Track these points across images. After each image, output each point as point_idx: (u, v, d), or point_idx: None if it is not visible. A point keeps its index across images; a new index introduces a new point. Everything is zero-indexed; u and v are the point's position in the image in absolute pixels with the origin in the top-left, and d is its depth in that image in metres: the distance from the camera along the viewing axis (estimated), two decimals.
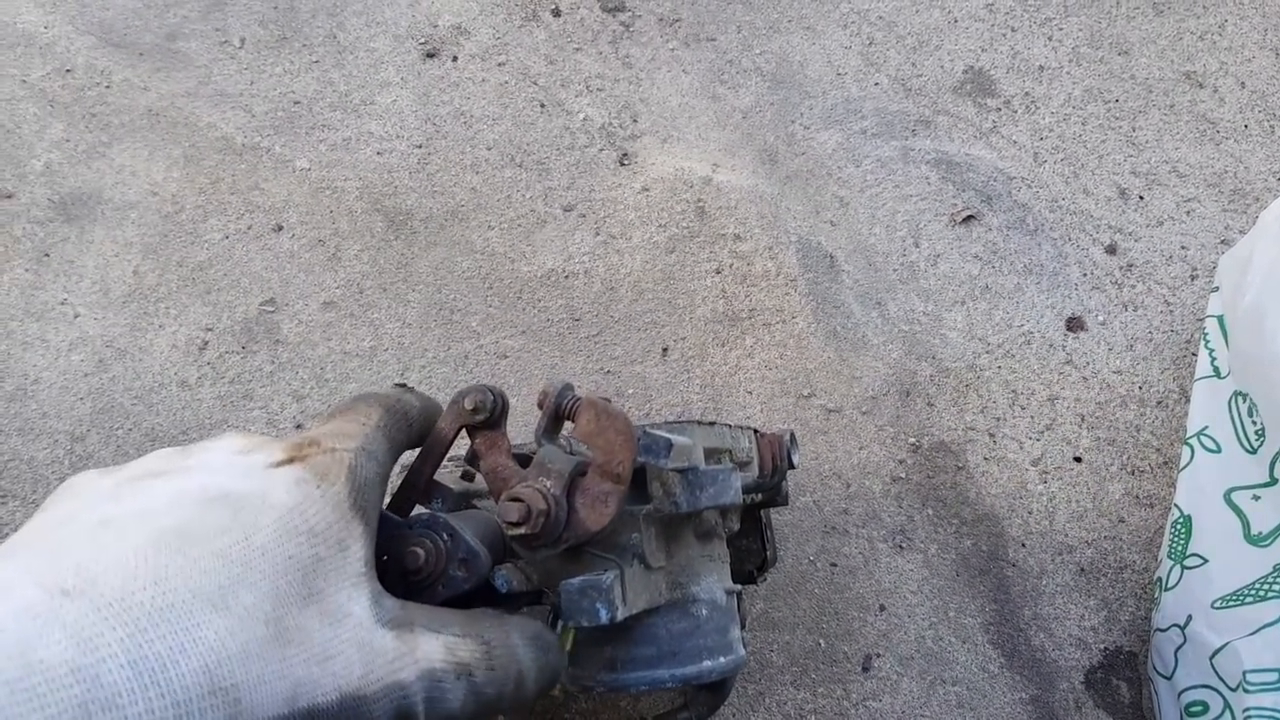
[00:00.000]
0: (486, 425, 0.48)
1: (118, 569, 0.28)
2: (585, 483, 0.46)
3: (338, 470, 0.35)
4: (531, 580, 0.48)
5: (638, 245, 0.87)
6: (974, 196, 0.90)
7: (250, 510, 0.32)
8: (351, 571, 0.34)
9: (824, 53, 0.97)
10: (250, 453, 0.36)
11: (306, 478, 0.34)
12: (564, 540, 0.45)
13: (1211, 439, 0.74)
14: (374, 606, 0.34)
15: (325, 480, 0.35)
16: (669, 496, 0.51)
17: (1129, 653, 0.75)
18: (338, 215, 0.85)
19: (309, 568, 0.32)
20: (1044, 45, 0.98)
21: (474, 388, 0.47)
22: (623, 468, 0.45)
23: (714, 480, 0.50)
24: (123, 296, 0.80)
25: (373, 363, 0.80)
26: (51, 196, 0.83)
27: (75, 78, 0.88)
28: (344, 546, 0.34)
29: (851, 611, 0.75)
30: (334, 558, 0.33)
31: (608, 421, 0.46)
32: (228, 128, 0.88)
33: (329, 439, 0.37)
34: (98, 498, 0.33)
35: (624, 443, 0.45)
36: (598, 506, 0.45)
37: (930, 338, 0.84)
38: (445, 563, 0.43)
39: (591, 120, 0.92)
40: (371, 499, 0.37)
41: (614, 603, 0.46)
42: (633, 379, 0.82)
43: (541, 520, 0.43)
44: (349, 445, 0.37)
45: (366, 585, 0.34)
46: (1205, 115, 0.95)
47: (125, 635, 0.27)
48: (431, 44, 0.94)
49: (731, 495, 0.50)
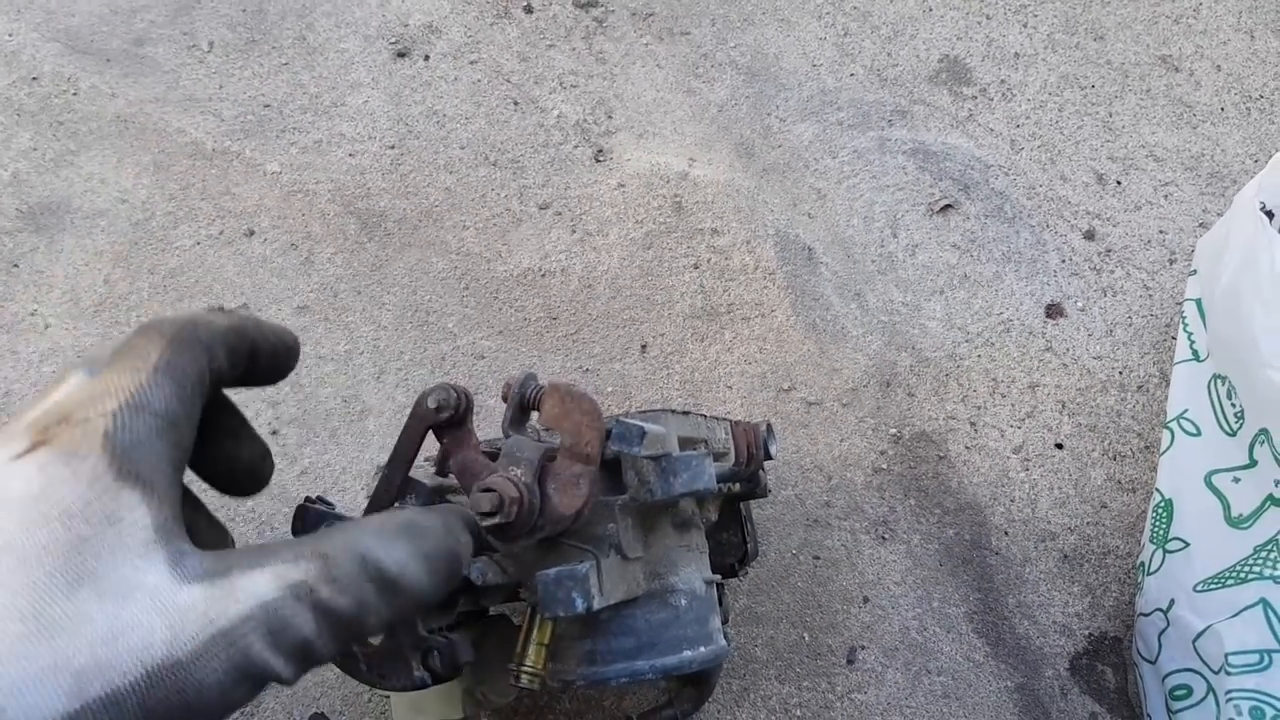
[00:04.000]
0: (452, 424, 0.47)
1: None
2: (555, 467, 0.45)
3: (90, 442, 0.32)
4: (508, 573, 0.48)
5: (614, 242, 0.86)
6: (951, 185, 0.90)
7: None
8: (134, 542, 0.31)
9: (799, 44, 0.96)
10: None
11: (52, 460, 0.31)
12: (539, 528, 0.45)
13: (1191, 422, 0.74)
14: (174, 569, 0.31)
15: (75, 458, 0.31)
16: (644, 485, 0.50)
17: (1113, 638, 0.75)
18: (310, 218, 0.85)
19: (71, 550, 0.29)
20: (1019, 32, 0.97)
21: (436, 386, 0.47)
22: (591, 447, 0.45)
23: (687, 466, 0.49)
24: (94, 306, 0.79)
25: (348, 366, 0.79)
26: (19, 206, 0.82)
27: (41, 85, 0.87)
28: (114, 520, 0.31)
29: (835, 604, 0.74)
30: (103, 534, 0.30)
31: (572, 403, 0.45)
32: (197, 133, 0.87)
33: (81, 408, 0.33)
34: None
35: (590, 422, 0.45)
36: (570, 490, 0.45)
37: (910, 328, 0.84)
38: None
39: (566, 117, 0.91)
40: (149, 456, 0.33)
41: (590, 592, 0.45)
42: (612, 376, 0.81)
43: (515, 509, 0.43)
44: (106, 407, 0.33)
45: (160, 550, 0.31)
46: (1181, 99, 0.94)
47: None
48: (402, 43, 0.93)
49: (705, 481, 0.50)
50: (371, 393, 0.78)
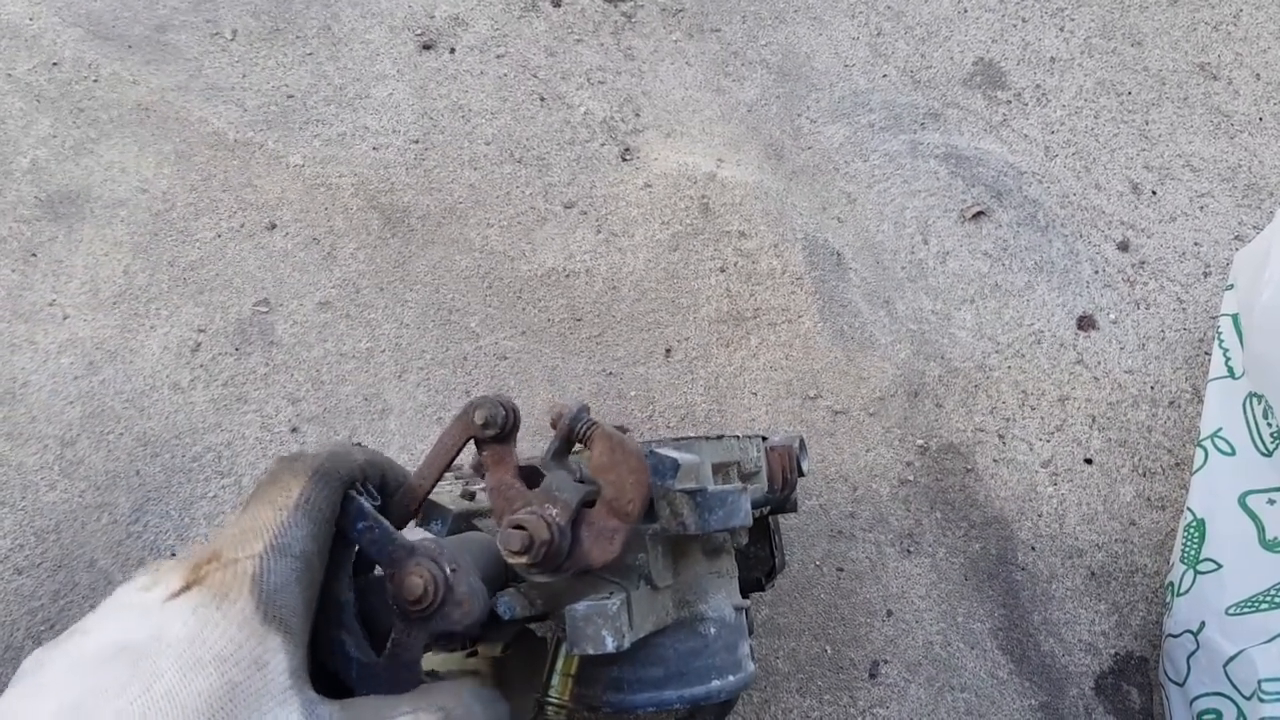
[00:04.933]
0: (496, 440, 0.46)
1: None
2: (592, 515, 0.44)
3: (239, 585, 0.34)
4: (535, 605, 0.47)
5: (640, 243, 0.85)
6: (984, 192, 0.88)
7: (149, 656, 0.31)
8: (276, 689, 0.32)
9: (831, 44, 0.94)
10: (150, 589, 0.34)
11: (204, 602, 0.33)
12: (564, 569, 0.44)
13: (1226, 441, 0.73)
14: (307, 719, 0.33)
15: (225, 600, 0.33)
16: (676, 518, 0.49)
17: (1140, 658, 0.74)
18: (333, 213, 0.83)
19: (224, 697, 0.31)
20: (1055, 36, 0.95)
21: (487, 400, 0.45)
22: (633, 507, 0.44)
23: (723, 502, 0.48)
24: (112, 297, 0.78)
25: (369, 364, 0.78)
26: (38, 194, 0.81)
27: (62, 71, 0.86)
28: (261, 664, 0.32)
29: (858, 617, 0.73)
30: (251, 679, 0.32)
31: (622, 457, 0.44)
32: (219, 123, 0.86)
33: (231, 547, 0.35)
34: (19, 681, 0.33)
35: (636, 482, 0.44)
36: (602, 542, 0.44)
37: (939, 337, 0.83)
38: (444, 596, 0.41)
39: (593, 114, 0.90)
40: (289, 602, 0.35)
41: (621, 630, 0.44)
42: (635, 380, 0.80)
43: (543, 550, 0.42)
44: (253, 550, 0.35)
45: (295, 699, 0.33)
46: (1219, 108, 0.93)
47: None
48: (428, 35, 0.91)
49: (741, 518, 0.48)
50: (393, 391, 0.77)
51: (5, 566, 0.69)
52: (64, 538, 0.70)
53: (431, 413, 0.77)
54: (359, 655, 0.42)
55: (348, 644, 0.42)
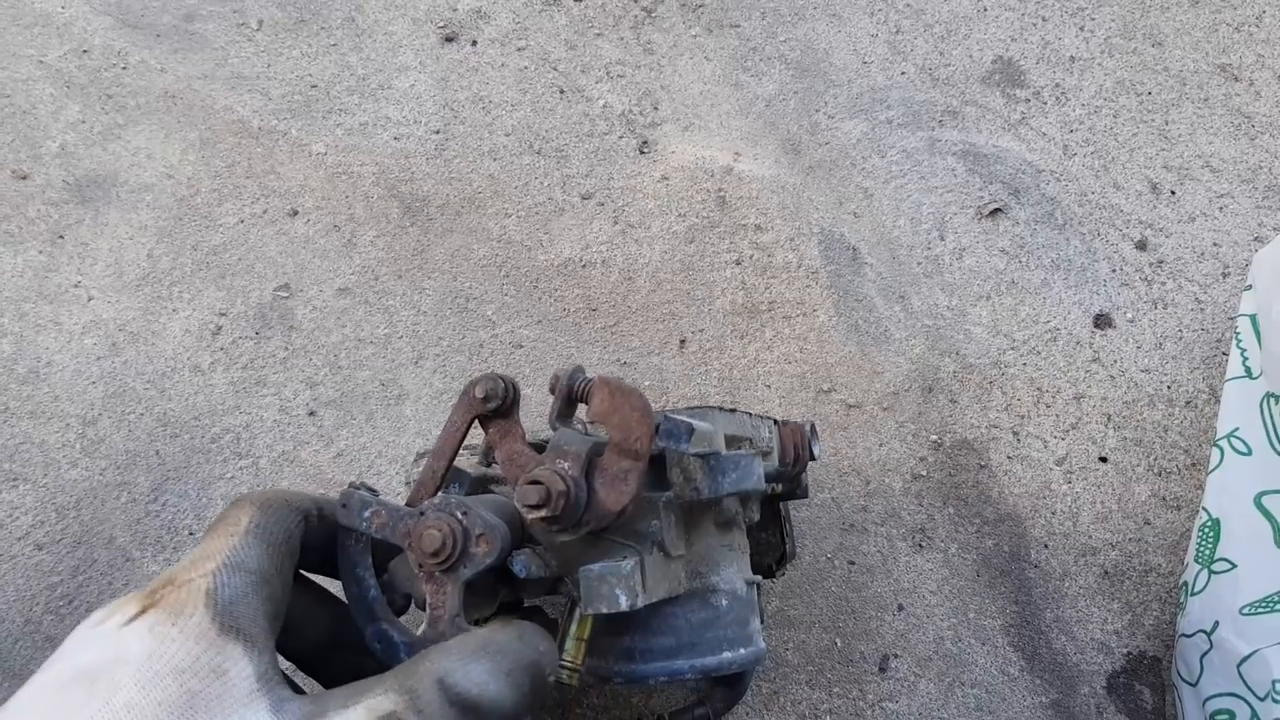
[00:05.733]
0: (498, 414, 0.47)
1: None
2: (603, 462, 0.45)
3: (194, 601, 0.34)
4: (550, 566, 0.47)
5: (656, 235, 0.85)
6: (1001, 189, 0.88)
7: (106, 674, 0.32)
8: (239, 693, 0.33)
9: (850, 40, 0.95)
10: (105, 620, 0.35)
11: (160, 620, 0.34)
12: (585, 523, 0.44)
13: (1242, 441, 0.72)
14: (275, 716, 0.33)
15: (181, 616, 0.34)
16: (689, 482, 0.50)
17: (1153, 658, 0.74)
18: (354, 201, 0.84)
19: (184, 705, 0.31)
20: (1075, 35, 0.95)
21: (484, 376, 0.46)
22: (641, 444, 0.44)
23: (736, 465, 0.49)
24: (136, 280, 0.79)
25: (387, 350, 0.79)
26: (66, 178, 0.82)
27: (92, 58, 0.87)
28: (220, 672, 0.33)
29: (869, 610, 0.73)
30: (211, 687, 0.32)
31: (622, 399, 0.45)
32: (244, 111, 0.87)
33: (184, 571, 0.36)
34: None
35: (640, 418, 0.44)
36: (617, 485, 0.44)
37: (954, 333, 0.82)
38: (464, 541, 0.42)
39: (611, 107, 0.90)
40: (246, 612, 0.35)
41: (634, 589, 0.45)
42: (650, 371, 0.80)
43: (561, 502, 0.42)
44: (205, 569, 0.36)
45: (263, 700, 0.33)
46: (1240, 109, 0.92)
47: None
48: (450, 28, 0.92)
49: (754, 481, 0.49)
50: (409, 377, 0.78)
51: (26, 542, 0.70)
52: (84, 515, 0.71)
53: (447, 399, 0.78)
54: (403, 638, 0.42)
55: (389, 632, 0.42)
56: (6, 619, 0.67)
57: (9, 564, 0.69)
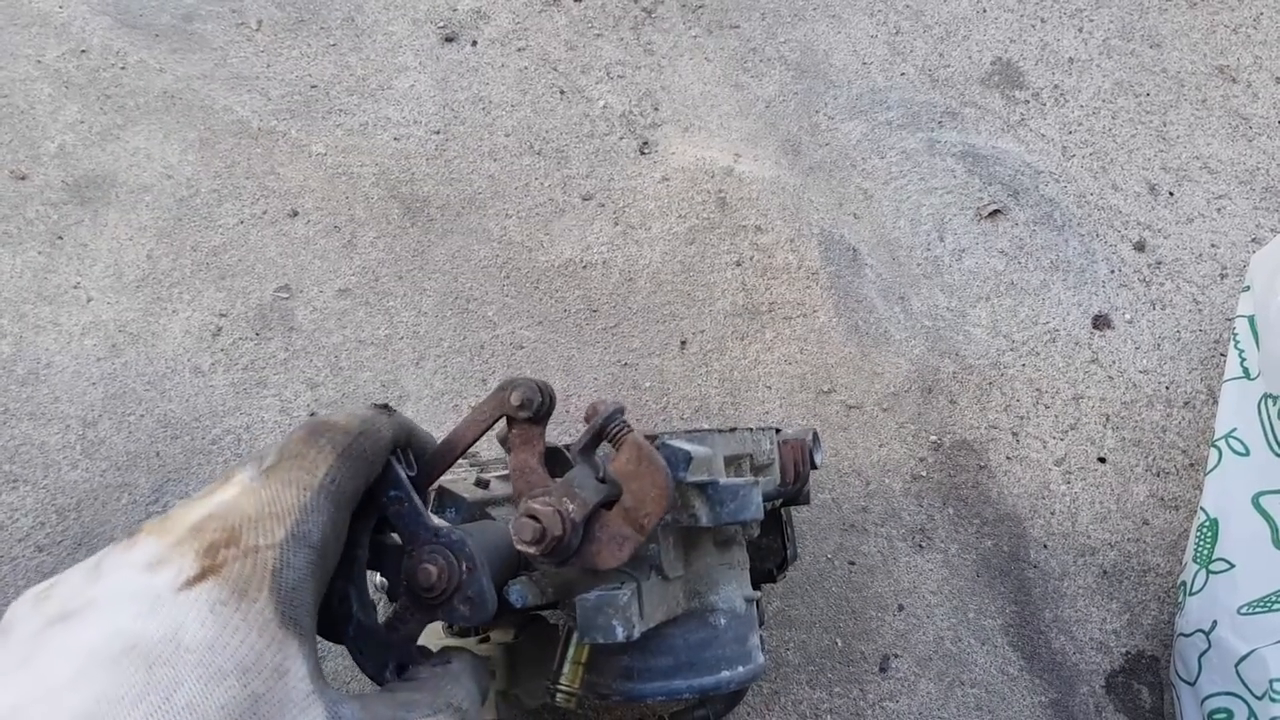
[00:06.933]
0: (528, 421, 0.46)
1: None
2: (608, 518, 0.44)
3: (259, 581, 0.32)
4: (546, 594, 0.47)
5: (657, 236, 0.85)
6: (1001, 190, 0.88)
7: (165, 662, 0.29)
8: (298, 696, 0.31)
9: (849, 41, 0.95)
10: (158, 568, 0.32)
11: (223, 598, 0.31)
12: (570, 564, 0.44)
13: (1240, 441, 0.73)
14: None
15: (245, 598, 0.31)
16: (688, 510, 0.49)
17: (1151, 657, 0.74)
18: (354, 201, 0.84)
19: (247, 710, 0.30)
20: (1074, 37, 0.96)
21: (524, 381, 0.45)
22: (648, 520, 0.44)
23: (735, 495, 0.49)
24: (136, 281, 0.79)
25: (388, 351, 0.79)
26: (65, 179, 0.82)
27: (90, 59, 0.87)
28: (282, 672, 0.31)
29: (869, 611, 0.74)
30: (273, 690, 0.31)
31: (647, 470, 0.44)
32: (244, 111, 0.87)
33: (251, 530, 0.33)
34: (17, 648, 0.31)
35: (656, 498, 0.44)
36: (612, 547, 0.44)
37: (954, 334, 0.83)
38: (454, 589, 0.41)
39: (612, 108, 0.90)
40: (304, 600, 0.33)
41: (630, 620, 0.45)
42: (650, 372, 0.80)
43: (553, 544, 0.42)
44: (274, 537, 0.33)
45: (319, 703, 0.32)
46: (1238, 110, 0.92)
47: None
48: (450, 28, 0.92)
49: (753, 511, 0.49)
50: (410, 378, 0.78)
51: (27, 544, 0.70)
52: (85, 516, 0.71)
53: (448, 400, 0.78)
54: (360, 615, 0.42)
55: (352, 599, 0.42)
56: None
57: (9, 566, 0.69)
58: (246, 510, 0.34)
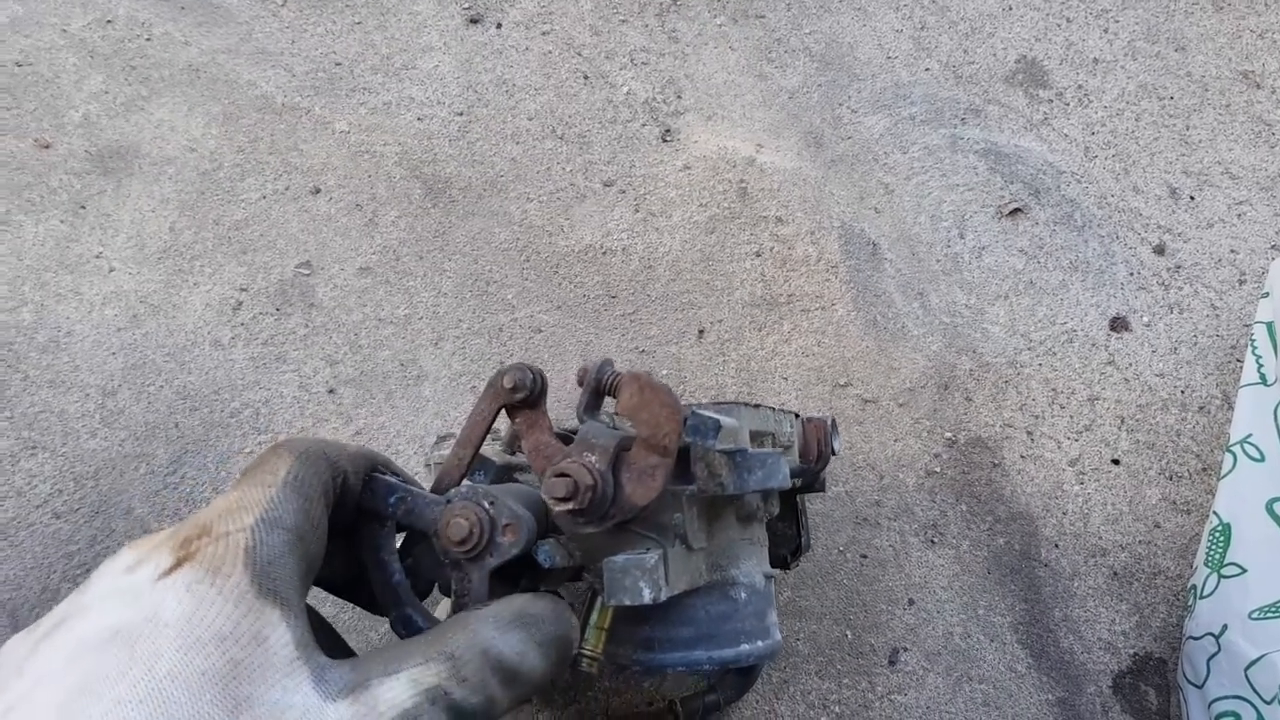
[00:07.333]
0: (526, 404, 0.47)
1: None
2: (631, 457, 0.45)
3: (232, 559, 0.33)
4: (574, 556, 0.48)
5: (677, 224, 0.85)
6: (1022, 189, 0.88)
7: (146, 639, 0.31)
8: (280, 661, 0.32)
9: (874, 35, 0.95)
10: (137, 567, 0.34)
11: (198, 578, 0.32)
12: (611, 516, 0.45)
13: (1255, 447, 0.73)
14: (318, 686, 0.32)
15: (219, 575, 0.32)
16: (714, 478, 0.50)
17: (1159, 659, 0.74)
18: (376, 180, 0.84)
19: (227, 676, 0.31)
20: (1099, 38, 0.95)
21: (513, 366, 0.46)
22: (669, 440, 0.44)
23: (762, 464, 0.49)
24: (158, 252, 0.79)
25: (407, 330, 0.79)
26: (89, 149, 0.82)
27: (116, 29, 0.87)
28: (261, 639, 0.32)
29: (880, 604, 0.74)
30: (253, 655, 0.31)
31: (651, 395, 0.45)
32: (268, 86, 0.87)
33: (221, 521, 0.34)
34: (10, 672, 0.32)
35: (669, 415, 0.45)
36: (644, 480, 0.45)
37: (971, 331, 0.83)
38: (491, 530, 0.42)
39: (635, 94, 0.90)
40: (283, 574, 0.34)
41: (658, 582, 0.45)
42: (667, 359, 0.80)
43: (589, 495, 0.43)
44: (244, 522, 0.34)
45: (304, 668, 0.32)
46: (1261, 116, 0.92)
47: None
48: (475, 9, 0.92)
49: (780, 479, 0.49)
50: (429, 358, 0.78)
51: (44, 511, 0.70)
52: (102, 485, 0.72)
53: (466, 381, 0.78)
54: (427, 624, 0.43)
55: (414, 618, 0.43)
56: (24, 586, 0.67)
57: (27, 531, 0.70)
58: (217, 509, 0.35)
